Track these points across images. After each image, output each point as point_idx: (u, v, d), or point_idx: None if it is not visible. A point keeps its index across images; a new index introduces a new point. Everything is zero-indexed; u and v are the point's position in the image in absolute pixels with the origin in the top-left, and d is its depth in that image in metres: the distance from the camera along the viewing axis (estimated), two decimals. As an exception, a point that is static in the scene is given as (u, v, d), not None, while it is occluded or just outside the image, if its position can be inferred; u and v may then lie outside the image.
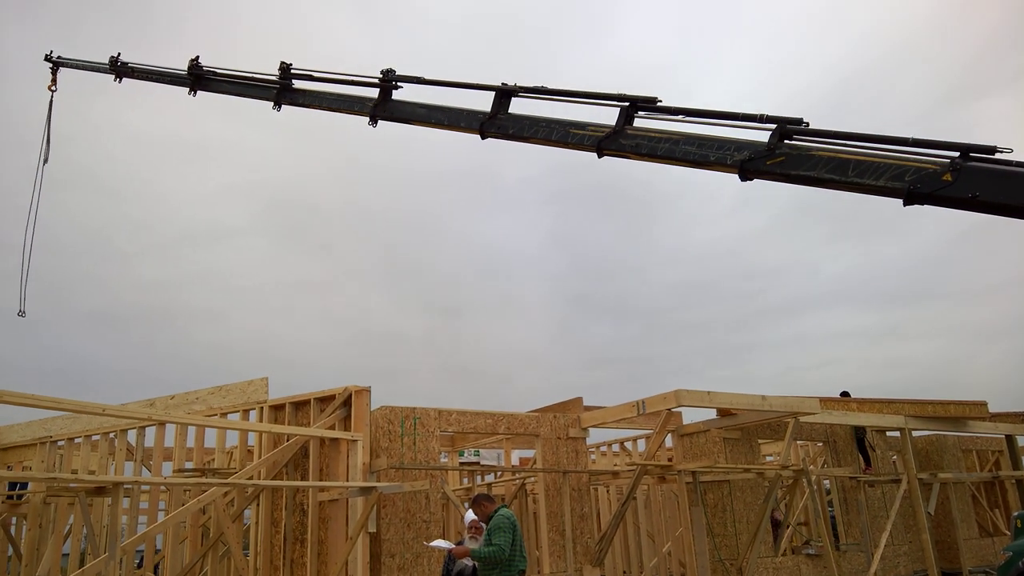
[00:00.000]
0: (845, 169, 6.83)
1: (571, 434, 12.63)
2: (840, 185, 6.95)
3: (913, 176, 6.37)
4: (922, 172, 6.33)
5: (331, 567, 9.55)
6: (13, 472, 11.96)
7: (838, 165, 6.89)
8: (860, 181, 6.72)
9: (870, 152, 6.76)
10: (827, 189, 7.18)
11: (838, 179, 6.87)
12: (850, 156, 6.86)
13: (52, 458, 11.98)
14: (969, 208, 6.12)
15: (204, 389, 10.78)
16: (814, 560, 14.58)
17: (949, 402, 16.59)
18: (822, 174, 6.97)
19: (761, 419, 13.19)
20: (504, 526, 7.13)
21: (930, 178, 6.27)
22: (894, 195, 6.55)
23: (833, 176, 6.90)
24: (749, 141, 7.58)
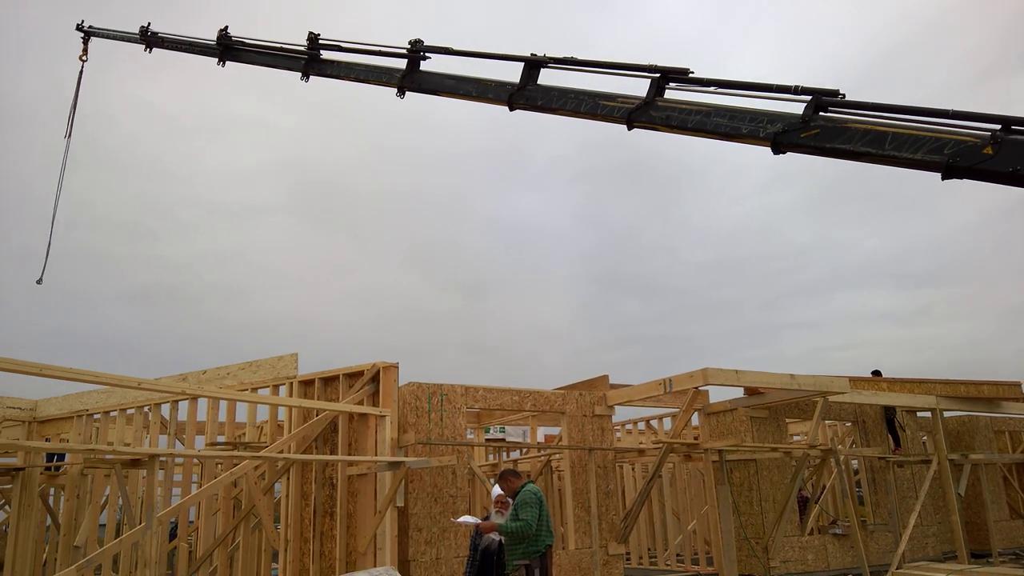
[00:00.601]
0: (882, 142, 6.67)
1: (597, 412, 12.65)
2: (876, 158, 6.79)
3: (952, 149, 6.21)
4: (961, 145, 6.17)
5: (360, 540, 9.70)
6: (52, 444, 12.25)
7: (874, 138, 6.72)
8: (897, 154, 6.56)
9: (908, 125, 6.60)
10: (862, 163, 7.03)
11: (874, 152, 6.71)
12: (887, 129, 6.69)
13: (88, 431, 12.25)
14: (1009, 182, 5.97)
15: (235, 364, 10.92)
16: (840, 540, 14.52)
17: (982, 382, 16.34)
18: (858, 147, 6.81)
19: (789, 398, 13.10)
20: (531, 501, 7.16)
21: (970, 151, 6.11)
22: (932, 169, 6.39)
23: (869, 149, 6.74)
24: (782, 113, 7.42)
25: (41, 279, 10.36)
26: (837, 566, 14.20)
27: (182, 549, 10.75)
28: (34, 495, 12.58)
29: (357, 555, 9.64)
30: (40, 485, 12.90)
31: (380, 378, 10.22)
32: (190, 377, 11.06)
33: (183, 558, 10.67)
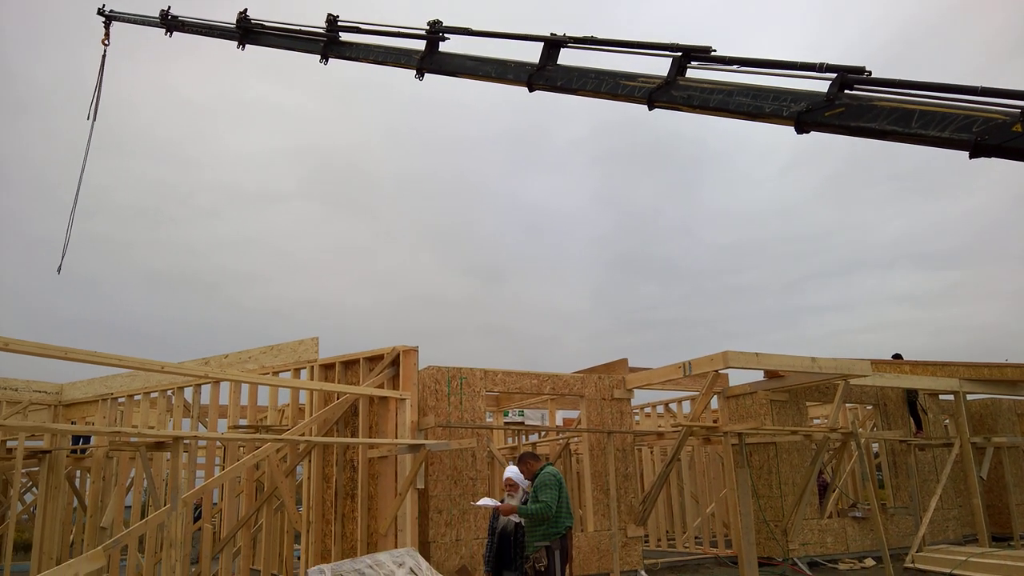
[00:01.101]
0: (908, 120, 6.54)
1: (616, 395, 12.65)
2: (902, 137, 6.67)
3: (981, 127, 6.08)
4: (990, 123, 6.03)
5: (381, 521, 9.78)
6: (78, 426, 12.42)
7: (901, 116, 6.59)
8: (924, 132, 6.43)
9: (935, 102, 6.47)
10: (888, 141, 6.89)
11: (901, 131, 6.58)
12: (914, 106, 6.54)
13: (113, 414, 12.41)
14: None
15: (256, 348, 11.01)
16: (860, 523, 14.48)
17: (1006, 365, 16.16)
18: (884, 125, 6.68)
19: (810, 381, 13.03)
20: (550, 483, 7.17)
21: (999, 129, 5.98)
22: (960, 147, 6.27)
23: (895, 127, 6.61)
24: (807, 91, 7.28)
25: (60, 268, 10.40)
26: (856, 549, 14.17)
27: (206, 530, 10.89)
28: (61, 477, 12.79)
29: (378, 536, 9.73)
30: (66, 468, 13.10)
31: (400, 362, 10.26)
32: (212, 361, 11.16)
33: (207, 539, 10.81)
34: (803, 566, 12.75)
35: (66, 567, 6.35)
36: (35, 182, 69.05)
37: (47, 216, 67.52)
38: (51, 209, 68.84)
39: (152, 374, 11.36)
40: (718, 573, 12.72)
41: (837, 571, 12.92)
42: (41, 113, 70.91)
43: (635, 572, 11.91)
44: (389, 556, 8.09)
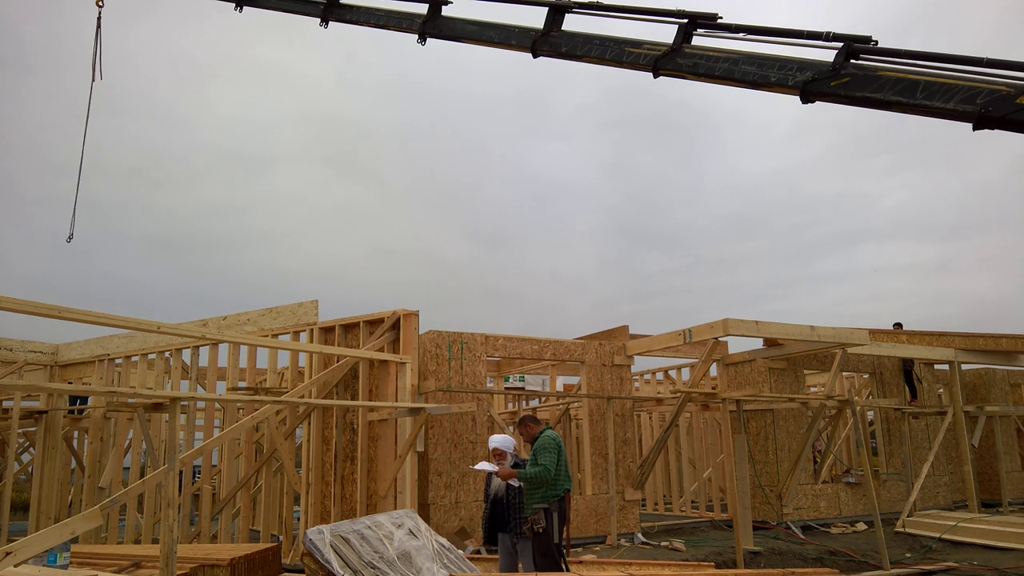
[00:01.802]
0: (913, 91, 6.51)
1: (616, 361, 12.65)
2: (907, 108, 6.62)
3: (985, 99, 6.05)
4: (995, 94, 6.01)
5: (380, 484, 9.82)
6: (75, 386, 12.38)
7: (906, 87, 6.56)
8: (928, 103, 6.40)
9: (940, 73, 6.43)
10: (893, 112, 6.86)
11: (905, 101, 6.54)
12: (919, 77, 6.52)
13: (110, 375, 12.37)
14: None
15: (255, 311, 10.94)
16: (853, 488, 14.64)
17: (1001, 335, 16.22)
18: (888, 96, 6.65)
19: (808, 350, 13.05)
20: (549, 447, 7.17)
21: (1003, 101, 5.95)
22: (963, 118, 6.24)
23: (900, 98, 6.57)
24: (813, 61, 7.24)
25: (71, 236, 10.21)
26: (849, 513, 14.34)
27: (205, 491, 10.93)
28: (58, 437, 12.79)
29: (378, 498, 9.77)
30: (64, 428, 13.10)
31: (400, 325, 10.21)
32: (211, 323, 11.09)
33: (207, 500, 10.85)
34: (797, 530, 12.90)
35: (63, 526, 6.33)
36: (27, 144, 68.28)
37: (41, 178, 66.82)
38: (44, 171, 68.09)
39: (149, 335, 11.30)
40: (714, 536, 12.86)
41: (830, 535, 13.07)
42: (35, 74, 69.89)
43: (632, 535, 12.02)
44: (388, 517, 8.11)
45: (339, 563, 6.95)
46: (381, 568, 7.17)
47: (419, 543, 7.77)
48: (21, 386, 10.53)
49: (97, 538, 11.50)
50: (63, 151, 71.30)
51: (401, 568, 7.29)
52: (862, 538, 12.76)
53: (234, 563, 8.14)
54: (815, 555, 11.24)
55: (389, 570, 7.18)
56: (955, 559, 10.91)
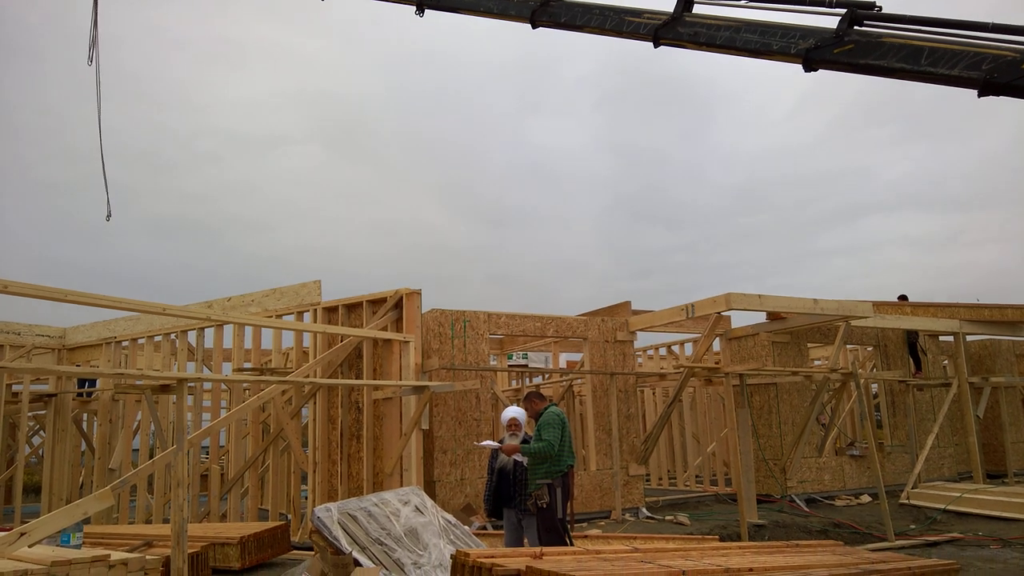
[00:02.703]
0: (918, 57, 6.46)
1: (619, 337, 12.68)
2: (911, 75, 6.57)
3: (990, 65, 6.01)
4: (1000, 60, 5.97)
5: (386, 461, 9.91)
6: (83, 368, 12.48)
7: (910, 53, 6.50)
8: (933, 70, 6.36)
9: (945, 39, 6.37)
10: (897, 79, 6.80)
11: (909, 68, 6.49)
12: (923, 43, 6.47)
13: (117, 358, 12.45)
14: None
15: (259, 292, 10.98)
16: (857, 461, 14.70)
17: (1006, 306, 16.18)
18: (892, 63, 6.60)
19: (811, 323, 13.05)
20: (553, 423, 7.22)
21: (1008, 66, 5.90)
22: (969, 85, 6.20)
23: (904, 65, 6.53)
24: (815, 28, 7.16)
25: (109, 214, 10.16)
26: (853, 486, 14.42)
27: (214, 471, 11.04)
28: (67, 420, 12.91)
29: (384, 476, 9.87)
30: (73, 411, 13.22)
31: (403, 304, 10.25)
32: (215, 304, 11.14)
33: (215, 480, 10.97)
34: (801, 503, 12.98)
35: (75, 507, 6.42)
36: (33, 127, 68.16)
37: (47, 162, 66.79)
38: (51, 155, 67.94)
39: (155, 317, 11.37)
40: (718, 510, 12.95)
41: (834, 507, 13.15)
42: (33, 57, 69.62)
43: (637, 509, 12.12)
44: (395, 495, 8.20)
45: (347, 540, 7.04)
46: (388, 544, 7.26)
47: (425, 519, 7.86)
48: (30, 369, 10.64)
49: (108, 519, 11.65)
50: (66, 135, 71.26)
51: (408, 544, 7.38)
52: (866, 510, 12.84)
53: (244, 541, 8.25)
54: (819, 527, 11.32)
55: (396, 546, 7.27)
56: (960, 530, 10.97)
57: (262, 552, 8.52)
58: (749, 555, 6.86)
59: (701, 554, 6.70)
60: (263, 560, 8.48)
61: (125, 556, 6.37)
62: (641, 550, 6.82)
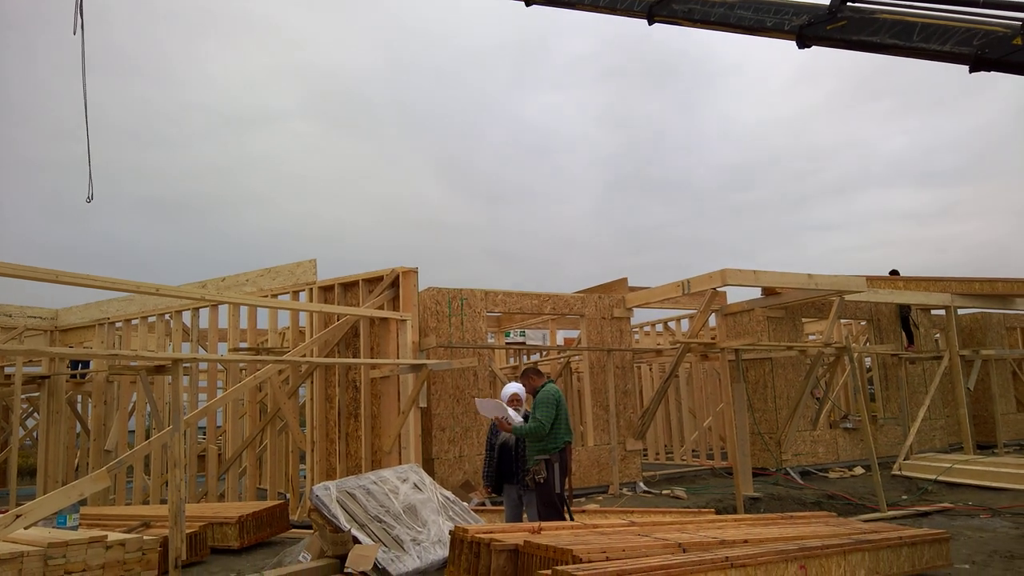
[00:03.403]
0: (910, 33, 6.49)
1: (616, 314, 12.69)
2: (903, 51, 6.60)
3: (982, 40, 6.06)
4: (991, 36, 6.03)
5: (384, 440, 9.92)
6: (77, 349, 12.42)
7: (903, 29, 6.55)
8: (925, 46, 6.40)
9: (937, 15, 6.40)
10: (889, 55, 6.80)
11: (902, 44, 6.54)
12: (915, 19, 6.51)
13: (111, 339, 12.40)
14: None
15: (254, 271, 10.92)
16: (851, 433, 14.83)
17: (997, 279, 16.27)
18: (885, 39, 6.63)
19: (806, 298, 13.10)
20: (548, 401, 7.22)
21: (999, 42, 5.97)
22: (960, 61, 6.24)
23: (897, 41, 6.57)
24: (809, 4, 7.19)
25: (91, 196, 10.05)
26: (847, 458, 14.55)
27: (211, 451, 11.05)
28: (62, 402, 12.87)
29: (382, 454, 9.89)
30: (67, 392, 13.17)
31: (400, 283, 10.21)
32: (209, 284, 11.08)
33: (213, 460, 10.98)
34: (795, 475, 13.09)
35: (71, 488, 6.41)
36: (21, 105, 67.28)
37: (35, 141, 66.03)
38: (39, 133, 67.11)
39: (149, 298, 11.30)
40: (714, 484, 13.06)
41: (828, 479, 13.28)
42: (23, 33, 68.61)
43: (634, 484, 12.20)
44: (393, 472, 8.22)
45: (346, 517, 7.07)
46: (387, 521, 7.29)
47: (424, 496, 7.89)
48: (23, 351, 10.55)
49: (105, 500, 11.66)
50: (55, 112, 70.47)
51: (407, 521, 7.41)
52: (859, 482, 12.96)
53: (242, 520, 8.27)
54: (813, 499, 11.42)
55: (395, 523, 7.30)
56: (951, 500, 11.09)
57: (261, 531, 8.55)
58: (744, 527, 6.92)
59: (697, 527, 6.76)
60: (262, 539, 8.51)
61: (122, 537, 6.39)
62: (638, 524, 6.87)
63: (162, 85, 77.54)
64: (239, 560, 7.78)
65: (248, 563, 7.62)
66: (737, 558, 5.20)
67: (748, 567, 5.22)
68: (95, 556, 5.99)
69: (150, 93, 77.48)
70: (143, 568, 6.24)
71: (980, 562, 7.24)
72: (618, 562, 4.87)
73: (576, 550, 4.94)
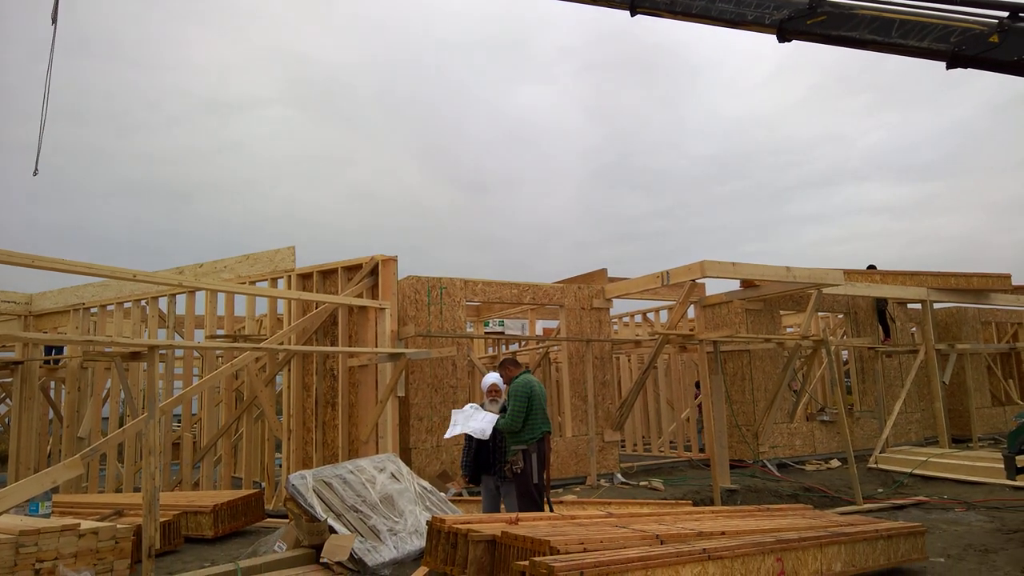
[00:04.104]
0: (888, 29, 6.56)
1: (595, 304, 12.69)
2: (882, 46, 6.65)
3: (959, 37, 6.13)
4: (968, 33, 6.10)
5: (362, 429, 9.87)
6: (50, 335, 12.23)
7: (881, 25, 6.62)
8: (903, 42, 6.48)
9: (915, 12, 6.46)
10: (868, 51, 6.84)
11: (880, 40, 6.60)
12: (894, 15, 6.58)
13: (86, 325, 12.21)
14: (1013, 72, 5.92)
15: (232, 258, 10.80)
16: (828, 426, 14.96)
17: (972, 274, 16.45)
18: (864, 35, 6.69)
19: (784, 291, 13.17)
20: (519, 394, 7.22)
21: (976, 39, 6.05)
22: (938, 57, 6.31)
23: (875, 37, 6.63)
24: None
25: (36, 170, 9.89)
26: (824, 451, 14.68)
27: (186, 439, 10.93)
28: (35, 388, 12.67)
29: (359, 443, 9.84)
30: (40, 378, 12.97)
31: (379, 271, 10.14)
32: (187, 270, 10.94)
33: (187, 448, 10.86)
34: (772, 467, 13.20)
35: (43, 475, 6.31)
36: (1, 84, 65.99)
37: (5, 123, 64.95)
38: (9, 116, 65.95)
39: (125, 284, 11.15)
40: (692, 475, 13.12)
41: (804, 472, 13.39)
42: None
43: (612, 475, 12.24)
44: (370, 462, 8.18)
45: (322, 507, 7.01)
46: (364, 511, 7.25)
47: (401, 486, 7.86)
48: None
49: (78, 488, 11.52)
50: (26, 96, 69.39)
51: (383, 511, 7.37)
52: (836, 474, 13.09)
53: (217, 509, 8.19)
54: (790, 492, 11.52)
55: (372, 513, 7.26)
56: (926, 493, 11.22)
57: (235, 520, 8.48)
58: (721, 519, 6.95)
59: (675, 518, 6.78)
60: (236, 528, 8.44)
61: (95, 525, 6.29)
62: (616, 515, 6.88)
63: (141, 70, 76.72)
64: (213, 550, 7.71)
65: (222, 552, 7.55)
66: (715, 550, 5.22)
67: (726, 559, 5.24)
68: (68, 544, 5.90)
69: (131, 76, 76.62)
70: (116, 557, 6.15)
71: (955, 555, 7.33)
72: (596, 553, 4.87)
73: (554, 541, 4.93)
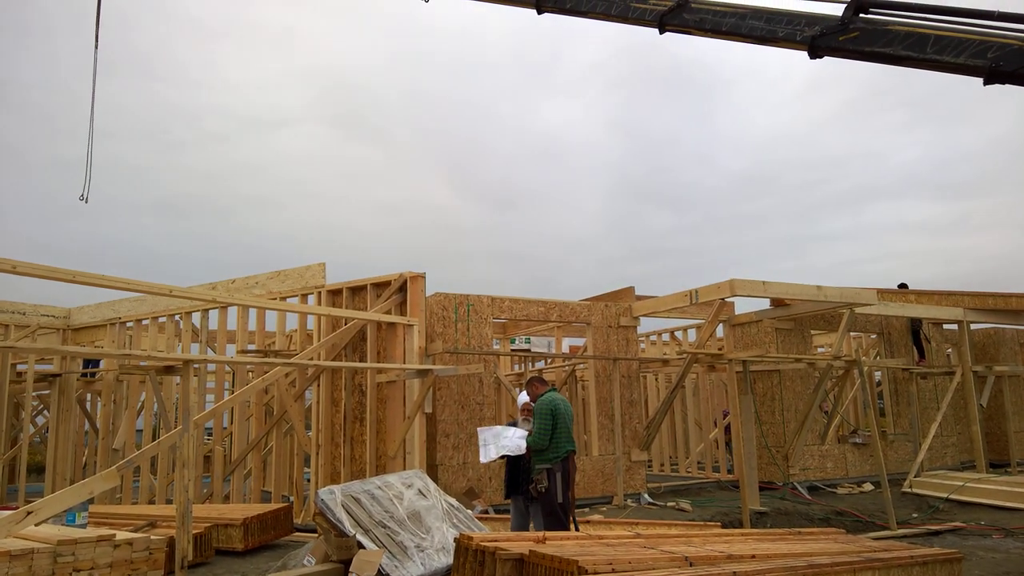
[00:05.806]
0: (923, 45, 6.47)
1: (622, 323, 12.66)
2: (917, 63, 6.57)
3: (996, 53, 6.02)
4: (1006, 48, 5.99)
5: (389, 444, 9.92)
6: (88, 349, 12.50)
7: (916, 41, 6.52)
8: (939, 58, 6.37)
9: (951, 27, 6.38)
10: (902, 67, 6.78)
11: (915, 56, 6.50)
12: (929, 31, 6.48)
13: (121, 339, 12.47)
14: None
15: (263, 274, 10.96)
16: (860, 449, 14.71)
17: (1011, 294, 16.13)
18: (898, 51, 6.60)
19: (815, 310, 13.03)
20: (543, 412, 7.24)
21: (1014, 55, 5.93)
22: (975, 73, 6.20)
23: (910, 53, 6.54)
24: (821, 15, 7.16)
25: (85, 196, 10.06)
26: (856, 474, 14.43)
27: (217, 452, 11.08)
28: (72, 400, 12.95)
29: (387, 459, 9.89)
30: (77, 391, 13.25)
31: (407, 288, 10.23)
32: (220, 286, 11.13)
33: (219, 461, 11.00)
34: (803, 490, 13.00)
35: (80, 486, 6.44)
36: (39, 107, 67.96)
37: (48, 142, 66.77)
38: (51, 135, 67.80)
39: (160, 299, 11.36)
40: (720, 497, 12.98)
41: (836, 495, 13.17)
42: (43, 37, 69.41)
43: (638, 495, 12.15)
44: (398, 478, 8.22)
45: (350, 522, 7.06)
46: (391, 527, 7.28)
47: (429, 503, 7.88)
48: (37, 349, 10.63)
49: (112, 499, 11.70)
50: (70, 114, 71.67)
51: (411, 527, 7.40)
52: (868, 498, 12.85)
53: (247, 522, 8.28)
54: (821, 515, 11.33)
55: (399, 529, 7.29)
56: (962, 519, 10.98)
57: (265, 534, 8.56)
58: (751, 542, 6.86)
59: (704, 540, 6.71)
60: (266, 542, 8.52)
61: (130, 536, 6.41)
62: (644, 536, 6.83)
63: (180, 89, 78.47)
64: (243, 562, 7.79)
65: (252, 565, 7.62)
66: (745, 573, 5.15)
67: (753, 582, 5.17)
68: (103, 555, 6.01)
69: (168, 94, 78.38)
70: (149, 567, 6.26)
71: (990, 582, 7.17)
72: (624, 575, 4.83)
73: (582, 561, 4.90)
